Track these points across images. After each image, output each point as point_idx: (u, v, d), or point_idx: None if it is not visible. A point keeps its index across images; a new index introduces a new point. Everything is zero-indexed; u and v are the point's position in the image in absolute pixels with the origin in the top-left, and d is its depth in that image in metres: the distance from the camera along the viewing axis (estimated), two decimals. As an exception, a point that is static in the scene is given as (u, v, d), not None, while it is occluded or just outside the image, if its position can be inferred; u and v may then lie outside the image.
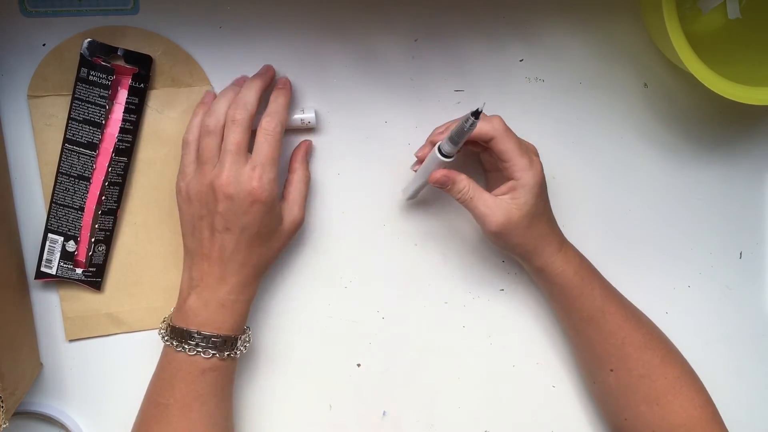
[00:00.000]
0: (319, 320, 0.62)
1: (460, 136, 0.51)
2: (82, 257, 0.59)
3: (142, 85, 0.58)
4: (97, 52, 0.57)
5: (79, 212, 0.58)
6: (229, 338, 0.54)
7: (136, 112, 0.58)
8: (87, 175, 0.58)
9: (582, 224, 0.63)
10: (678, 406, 0.55)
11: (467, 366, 0.64)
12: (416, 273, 0.63)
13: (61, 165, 0.57)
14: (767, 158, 0.64)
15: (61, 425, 0.60)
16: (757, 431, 0.65)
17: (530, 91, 0.62)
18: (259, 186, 0.52)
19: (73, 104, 0.57)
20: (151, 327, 0.61)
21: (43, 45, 0.57)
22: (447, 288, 0.63)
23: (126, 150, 0.58)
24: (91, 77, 0.57)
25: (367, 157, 0.62)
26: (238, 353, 0.55)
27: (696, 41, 0.54)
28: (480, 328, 0.64)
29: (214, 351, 0.53)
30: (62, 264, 0.58)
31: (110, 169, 0.58)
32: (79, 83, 0.57)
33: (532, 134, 0.62)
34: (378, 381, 0.63)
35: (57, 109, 0.58)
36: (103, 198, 0.58)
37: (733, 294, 0.65)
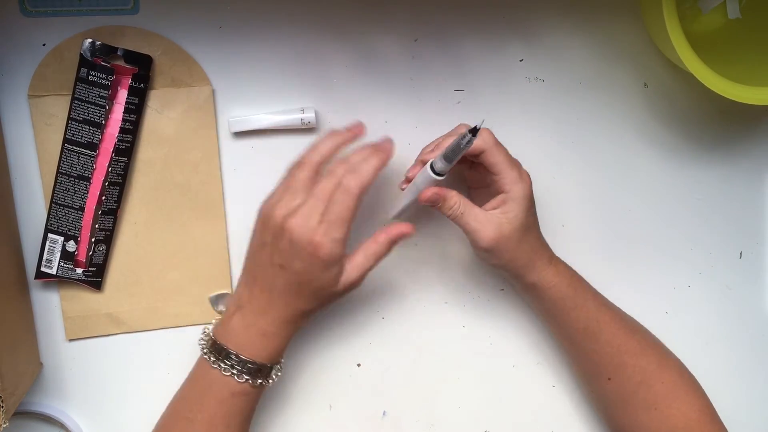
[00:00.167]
0: (319, 320, 0.62)
1: (456, 153, 0.50)
2: (82, 257, 0.59)
3: (142, 85, 0.58)
4: (97, 52, 0.57)
5: (79, 212, 0.58)
6: (264, 367, 0.54)
7: (136, 112, 0.58)
8: (87, 175, 0.58)
9: (582, 224, 0.63)
10: (676, 411, 0.55)
11: (467, 366, 0.64)
12: (416, 273, 0.63)
13: (61, 165, 0.57)
14: (767, 158, 0.64)
15: (61, 425, 0.60)
16: (758, 431, 0.65)
17: (530, 91, 0.62)
18: (321, 242, 0.51)
19: (73, 104, 0.57)
20: (151, 327, 0.61)
21: (43, 45, 0.57)
22: (447, 288, 0.63)
23: (126, 150, 0.58)
24: (91, 77, 0.57)
25: (367, 157, 0.62)
26: (270, 382, 0.55)
27: (696, 41, 0.54)
28: (480, 328, 0.64)
29: (247, 376, 0.53)
30: (62, 264, 0.58)
31: (110, 169, 0.58)
32: (79, 83, 0.57)
33: (532, 134, 0.62)
34: (378, 381, 0.63)
35: (57, 109, 0.58)
36: (103, 198, 0.58)
37: (733, 294, 0.65)
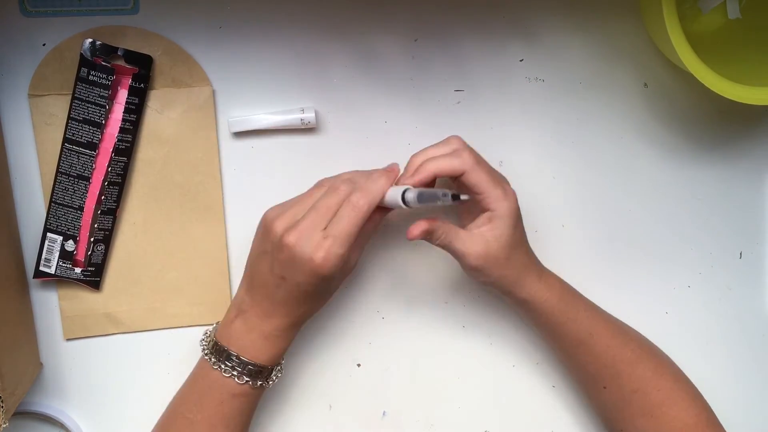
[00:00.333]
0: (319, 320, 0.62)
1: (429, 201, 0.50)
2: (81, 257, 0.59)
3: (142, 85, 0.58)
4: (98, 52, 0.57)
5: (79, 212, 0.58)
6: (264, 368, 0.54)
7: (136, 112, 0.58)
8: (86, 174, 0.58)
9: (582, 224, 0.63)
10: (673, 417, 0.55)
11: (467, 366, 0.64)
12: (416, 273, 0.63)
13: (61, 164, 0.57)
14: (767, 158, 0.64)
15: (61, 425, 0.60)
16: (757, 431, 0.65)
17: (530, 91, 0.62)
18: (324, 260, 0.50)
19: (73, 104, 0.57)
20: (149, 327, 0.61)
21: (43, 45, 0.57)
22: (447, 288, 0.63)
23: (126, 150, 0.58)
24: (91, 77, 0.57)
25: (367, 157, 0.62)
26: (270, 383, 0.55)
27: (696, 41, 0.54)
28: (480, 328, 0.64)
29: (248, 378, 0.53)
30: (61, 263, 0.58)
31: (110, 169, 0.58)
32: (79, 83, 0.57)
33: (532, 134, 0.62)
34: (378, 381, 0.63)
35: (57, 109, 0.58)
36: (103, 198, 0.58)
37: (733, 294, 0.65)
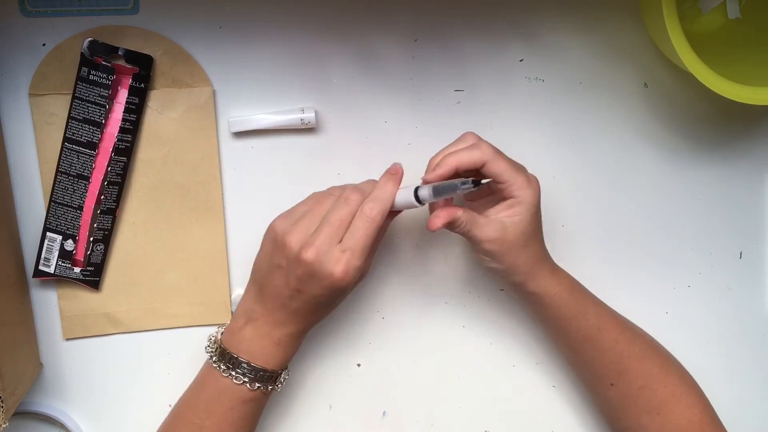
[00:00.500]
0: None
1: (448, 193, 0.50)
2: (80, 256, 0.59)
3: (143, 85, 0.58)
4: (98, 52, 0.57)
5: (78, 211, 0.58)
6: (274, 373, 0.54)
7: (136, 112, 0.58)
8: (86, 174, 0.58)
9: (582, 224, 0.63)
10: (678, 415, 0.55)
11: (467, 366, 0.64)
12: (416, 273, 0.63)
13: (61, 164, 0.57)
14: (767, 158, 0.64)
15: (61, 425, 0.60)
16: (757, 431, 0.65)
17: (530, 91, 0.62)
18: (344, 273, 0.50)
19: (74, 103, 0.57)
20: (149, 328, 0.61)
21: (43, 45, 0.57)
22: (447, 288, 0.63)
23: (126, 150, 0.58)
24: (91, 77, 0.57)
25: (367, 157, 0.62)
26: (279, 387, 0.56)
27: (696, 41, 0.54)
28: (480, 328, 0.64)
29: (259, 384, 0.54)
30: (60, 263, 0.58)
31: (110, 169, 0.58)
32: (79, 82, 0.57)
33: (532, 134, 0.62)
34: (378, 381, 0.63)
35: (57, 108, 0.58)
36: (102, 197, 0.58)
37: (733, 294, 0.65)
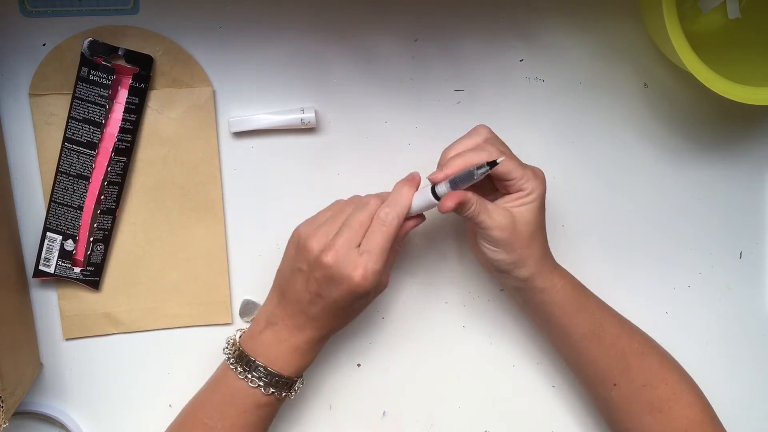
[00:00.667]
0: (318, 320, 0.62)
1: (466, 182, 0.50)
2: (80, 256, 0.59)
3: (143, 85, 0.58)
4: (98, 52, 0.57)
5: (78, 211, 0.58)
6: (290, 380, 0.54)
7: (136, 112, 0.58)
8: (86, 174, 0.58)
9: (582, 224, 0.63)
10: (679, 413, 0.55)
11: (467, 366, 0.64)
12: (416, 273, 0.63)
13: (61, 164, 0.57)
14: (767, 158, 0.64)
15: (61, 425, 0.60)
16: (756, 431, 0.65)
17: (530, 91, 0.62)
18: (363, 278, 0.51)
19: (74, 103, 0.57)
20: (149, 328, 0.61)
21: (43, 45, 0.57)
22: (447, 288, 0.63)
23: (126, 150, 0.58)
24: (91, 77, 0.57)
25: (367, 157, 0.62)
26: (293, 395, 0.56)
27: (696, 41, 0.54)
28: (480, 328, 0.64)
29: (274, 389, 0.54)
30: (60, 263, 0.58)
31: (110, 169, 0.58)
32: (79, 82, 0.57)
33: (532, 134, 0.62)
34: (378, 381, 0.63)
35: (57, 108, 0.58)
36: (102, 197, 0.58)
37: (733, 294, 0.65)
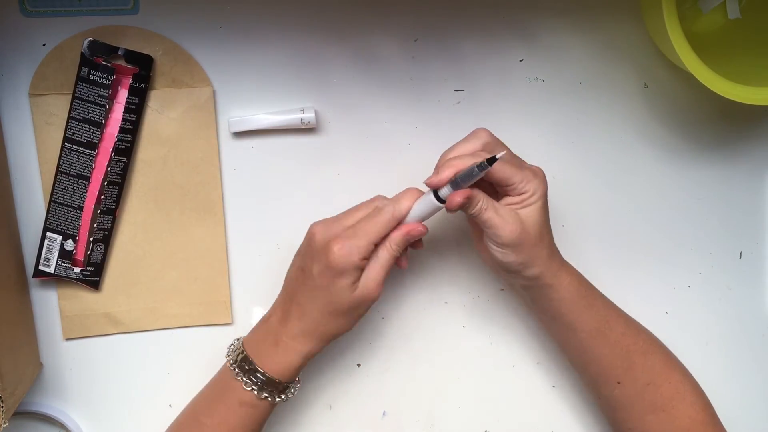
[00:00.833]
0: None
1: (467, 181, 0.50)
2: (80, 256, 0.59)
3: (143, 85, 0.58)
4: (98, 52, 0.57)
5: (78, 211, 0.58)
6: (280, 384, 0.54)
7: (136, 112, 0.58)
8: (86, 174, 0.58)
9: (582, 224, 0.63)
10: (682, 412, 0.55)
11: (467, 366, 0.64)
12: (416, 273, 0.63)
13: (61, 164, 0.57)
14: (767, 158, 0.64)
15: (61, 425, 0.60)
16: (756, 431, 0.65)
17: (530, 91, 0.62)
18: (339, 249, 0.51)
19: (74, 103, 0.57)
20: (149, 328, 0.61)
21: (43, 45, 0.57)
22: (447, 288, 0.63)
23: (126, 150, 0.58)
24: (91, 77, 0.57)
25: (367, 157, 0.62)
26: (286, 398, 0.55)
27: (696, 41, 0.54)
28: (480, 328, 0.64)
29: (266, 393, 0.54)
30: (60, 263, 0.58)
31: (110, 169, 0.58)
32: (79, 82, 0.57)
33: (532, 134, 0.62)
34: (378, 381, 0.63)
35: (57, 108, 0.58)
36: (102, 197, 0.58)
37: (733, 294, 0.65)
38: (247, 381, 0.53)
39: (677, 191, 0.64)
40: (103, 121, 0.57)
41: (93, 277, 0.59)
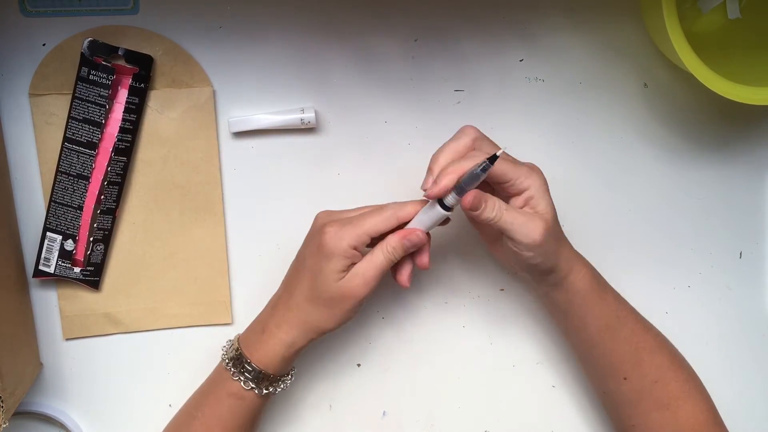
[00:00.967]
0: (318, 320, 0.62)
1: (471, 183, 0.49)
2: (80, 256, 0.59)
3: (143, 85, 0.58)
4: (98, 52, 0.57)
5: (78, 211, 0.58)
6: (268, 376, 0.54)
7: (136, 112, 0.58)
8: (86, 174, 0.58)
9: (582, 224, 0.63)
10: (686, 411, 0.55)
11: (467, 366, 0.64)
12: (416, 273, 0.63)
13: (61, 164, 0.57)
14: (767, 158, 0.64)
15: (61, 425, 0.60)
16: (757, 431, 0.65)
17: (530, 91, 0.62)
18: (329, 230, 0.52)
19: (74, 103, 0.57)
20: (149, 328, 0.61)
21: (43, 45, 0.57)
22: (447, 288, 0.63)
23: (125, 150, 0.58)
24: (91, 76, 0.57)
25: (367, 157, 0.62)
26: (276, 391, 0.55)
27: (696, 41, 0.54)
28: (480, 328, 0.64)
29: (252, 384, 0.54)
30: (60, 263, 0.58)
31: (109, 169, 0.58)
32: (79, 82, 0.57)
33: (532, 134, 0.62)
34: (378, 381, 0.63)
35: (57, 108, 0.58)
36: (102, 197, 0.58)
37: (733, 294, 0.65)
38: (234, 371, 0.54)
39: (677, 191, 0.64)
40: (103, 121, 0.57)
41: (93, 277, 0.59)
